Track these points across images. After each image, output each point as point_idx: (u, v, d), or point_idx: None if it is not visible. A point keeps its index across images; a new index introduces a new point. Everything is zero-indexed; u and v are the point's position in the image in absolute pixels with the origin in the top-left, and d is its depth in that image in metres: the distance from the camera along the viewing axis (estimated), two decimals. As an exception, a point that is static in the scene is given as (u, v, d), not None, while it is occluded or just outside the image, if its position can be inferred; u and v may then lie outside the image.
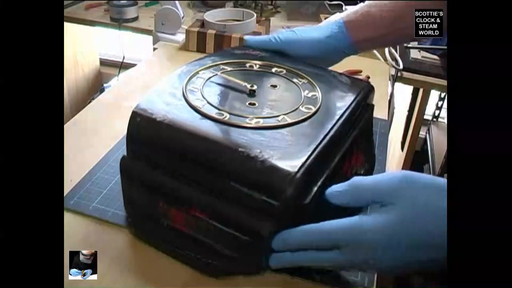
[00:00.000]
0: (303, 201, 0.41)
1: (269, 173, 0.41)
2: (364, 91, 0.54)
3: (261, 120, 0.47)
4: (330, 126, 0.46)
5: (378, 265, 0.39)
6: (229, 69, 0.56)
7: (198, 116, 0.47)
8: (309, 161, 0.42)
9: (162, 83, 0.52)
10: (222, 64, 0.57)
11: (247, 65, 0.57)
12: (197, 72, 0.54)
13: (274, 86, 0.54)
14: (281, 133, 0.45)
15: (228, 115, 0.47)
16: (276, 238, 0.41)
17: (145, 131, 0.47)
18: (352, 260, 0.39)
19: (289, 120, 0.47)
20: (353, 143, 0.50)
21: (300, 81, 0.55)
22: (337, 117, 0.48)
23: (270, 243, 0.42)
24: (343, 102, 0.51)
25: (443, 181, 0.39)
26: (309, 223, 0.41)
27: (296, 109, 0.49)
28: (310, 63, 0.59)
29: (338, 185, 0.42)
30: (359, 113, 0.52)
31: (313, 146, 0.43)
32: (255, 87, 0.52)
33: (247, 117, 0.47)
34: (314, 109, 0.49)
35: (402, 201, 0.38)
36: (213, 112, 0.47)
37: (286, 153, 0.42)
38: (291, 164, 0.41)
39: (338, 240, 0.39)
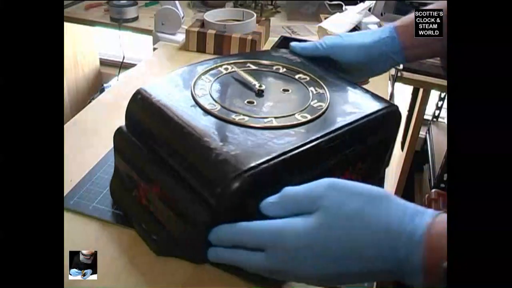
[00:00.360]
0: (251, 201, 0.41)
1: (218, 166, 0.41)
2: (382, 112, 0.50)
3: (247, 118, 0.47)
4: (313, 138, 0.44)
5: (297, 272, 0.38)
6: (253, 67, 0.56)
7: (191, 103, 0.48)
8: (267, 164, 0.41)
9: (182, 69, 0.54)
10: (250, 62, 0.57)
11: (274, 67, 0.57)
12: (221, 65, 0.55)
13: (286, 91, 0.53)
14: (259, 133, 0.45)
15: (219, 108, 0.48)
16: (212, 231, 0.41)
17: (140, 110, 0.49)
18: (272, 264, 0.38)
19: (276, 124, 0.46)
20: (347, 161, 0.48)
21: (315, 91, 0.53)
22: (328, 131, 0.45)
23: (207, 235, 0.42)
24: (346, 118, 0.48)
25: (370, 189, 0.38)
26: None
27: (291, 115, 0.48)
28: (357, 71, 0.58)
29: (271, 196, 0.41)
30: (367, 133, 0.49)
31: (280, 152, 0.42)
32: (263, 87, 0.51)
33: (236, 113, 0.47)
34: (308, 118, 0.47)
35: (325, 208, 0.37)
36: (206, 103, 0.48)
37: (250, 152, 0.42)
38: (245, 162, 0.40)
39: (262, 241, 0.39)
